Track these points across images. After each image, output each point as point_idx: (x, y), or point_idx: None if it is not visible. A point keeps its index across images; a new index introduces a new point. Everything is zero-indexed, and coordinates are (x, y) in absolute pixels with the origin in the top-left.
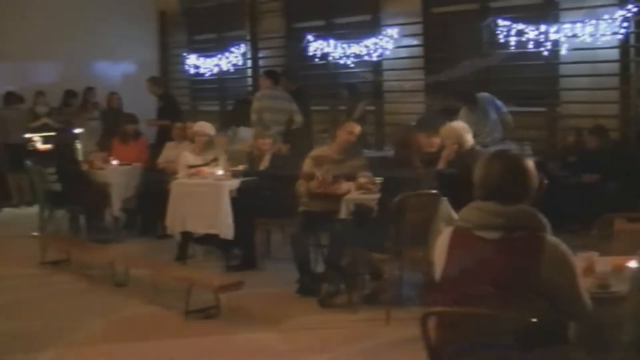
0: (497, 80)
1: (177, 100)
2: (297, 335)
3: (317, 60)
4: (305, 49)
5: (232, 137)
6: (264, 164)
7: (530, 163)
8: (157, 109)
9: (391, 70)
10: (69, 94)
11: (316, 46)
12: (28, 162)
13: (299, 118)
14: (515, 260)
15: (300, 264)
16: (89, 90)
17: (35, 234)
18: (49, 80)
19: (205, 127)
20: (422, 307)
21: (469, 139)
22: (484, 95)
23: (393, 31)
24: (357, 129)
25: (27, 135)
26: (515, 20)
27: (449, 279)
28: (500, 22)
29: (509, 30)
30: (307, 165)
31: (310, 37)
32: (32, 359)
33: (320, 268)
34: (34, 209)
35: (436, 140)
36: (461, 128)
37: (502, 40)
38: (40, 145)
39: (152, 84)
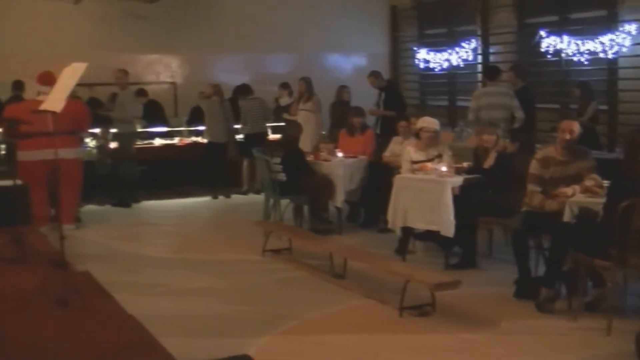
0: None
1: (401, 93)
2: (512, 339)
3: (549, 56)
4: (537, 44)
5: (460, 134)
6: (489, 162)
7: None
8: (377, 102)
9: (628, 68)
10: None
11: (548, 42)
12: (255, 151)
13: (520, 115)
14: None
15: (520, 265)
16: (303, 79)
17: (259, 221)
18: (281, 72)
19: (431, 123)
20: None
21: None
22: None
23: (631, 27)
24: (575, 127)
25: (268, 125)
26: None
27: None
28: None
29: None
30: (533, 168)
31: (542, 33)
32: (247, 344)
33: (540, 271)
34: (261, 197)
35: None
36: None
37: None
38: (271, 135)
39: (374, 78)
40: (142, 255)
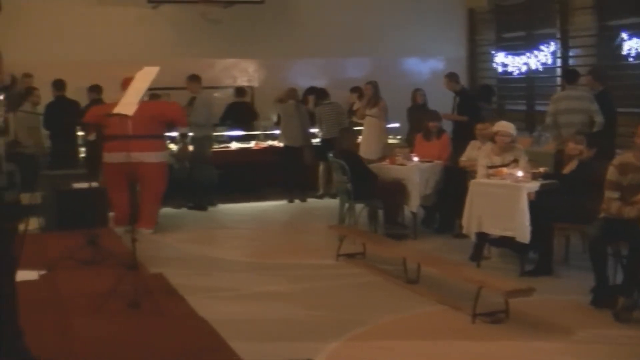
0: None
1: (475, 98)
2: (587, 349)
3: (630, 59)
4: (618, 47)
5: (537, 138)
6: (570, 168)
7: None
8: (453, 105)
9: None
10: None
11: (630, 45)
12: (330, 156)
13: (599, 119)
14: None
15: (597, 273)
16: (370, 83)
17: (333, 225)
18: (358, 77)
19: (507, 127)
20: None
21: None
22: None
23: None
24: None
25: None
26: None
27: None
28: None
29: None
30: (611, 174)
31: (624, 35)
32: (316, 349)
33: (618, 279)
34: (337, 202)
35: None
36: None
37: None
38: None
39: (449, 80)
40: (216, 258)
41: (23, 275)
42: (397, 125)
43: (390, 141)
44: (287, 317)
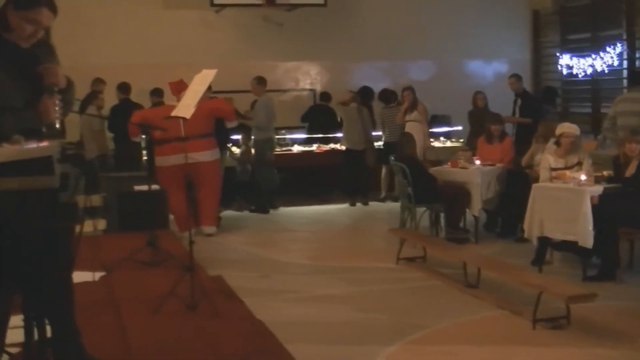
0: None
1: (539, 100)
2: None
3: None
4: None
5: (602, 142)
6: (631, 171)
7: None
8: (514, 108)
9: None
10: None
11: None
12: (392, 159)
13: None
14: None
15: None
16: (408, 89)
17: (394, 228)
18: (421, 79)
19: (571, 128)
20: None
21: None
22: None
23: None
24: None
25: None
26: None
27: None
28: None
29: None
30: None
31: None
32: (375, 351)
33: None
34: (398, 205)
35: None
36: None
37: None
38: None
39: (516, 79)
40: (277, 260)
41: (82, 276)
42: (459, 128)
43: (451, 144)
44: (346, 320)
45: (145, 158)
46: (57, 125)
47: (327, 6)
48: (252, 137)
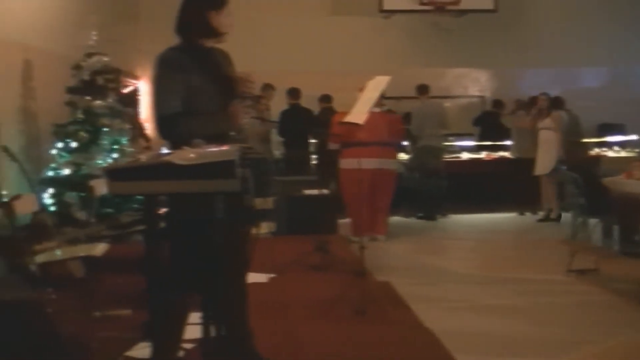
0: None
1: None
2: None
3: None
4: None
5: None
6: None
7: None
8: None
9: None
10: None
11: None
12: (563, 168)
13: None
14: None
15: None
16: (544, 94)
17: (565, 240)
18: (593, 87)
19: None
20: None
21: None
22: None
23: None
24: None
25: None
26: None
27: None
28: None
29: None
30: None
31: None
32: None
33: None
34: (569, 216)
35: None
36: None
37: None
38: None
39: None
40: (444, 268)
41: (254, 277)
42: (634, 137)
43: (626, 154)
44: (512, 332)
45: (314, 162)
46: (243, 130)
47: (498, 12)
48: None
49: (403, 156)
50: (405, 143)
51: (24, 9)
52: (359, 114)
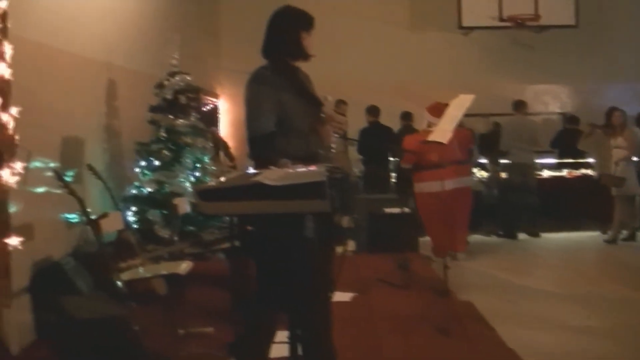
0: None
1: None
2: None
3: None
4: None
5: None
6: None
7: None
8: None
9: None
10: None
11: None
12: None
13: None
14: None
15: None
16: (619, 111)
17: None
18: None
19: None
20: None
21: None
22: None
23: None
24: None
25: None
26: None
27: None
28: None
29: None
30: None
31: None
32: None
33: None
34: None
35: None
36: None
37: None
38: None
39: None
40: (526, 287)
41: (338, 296)
42: None
43: None
44: (596, 353)
45: (394, 181)
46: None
47: (579, 27)
48: (503, 161)
49: (483, 173)
50: (483, 160)
51: (108, 28)
52: (443, 133)
